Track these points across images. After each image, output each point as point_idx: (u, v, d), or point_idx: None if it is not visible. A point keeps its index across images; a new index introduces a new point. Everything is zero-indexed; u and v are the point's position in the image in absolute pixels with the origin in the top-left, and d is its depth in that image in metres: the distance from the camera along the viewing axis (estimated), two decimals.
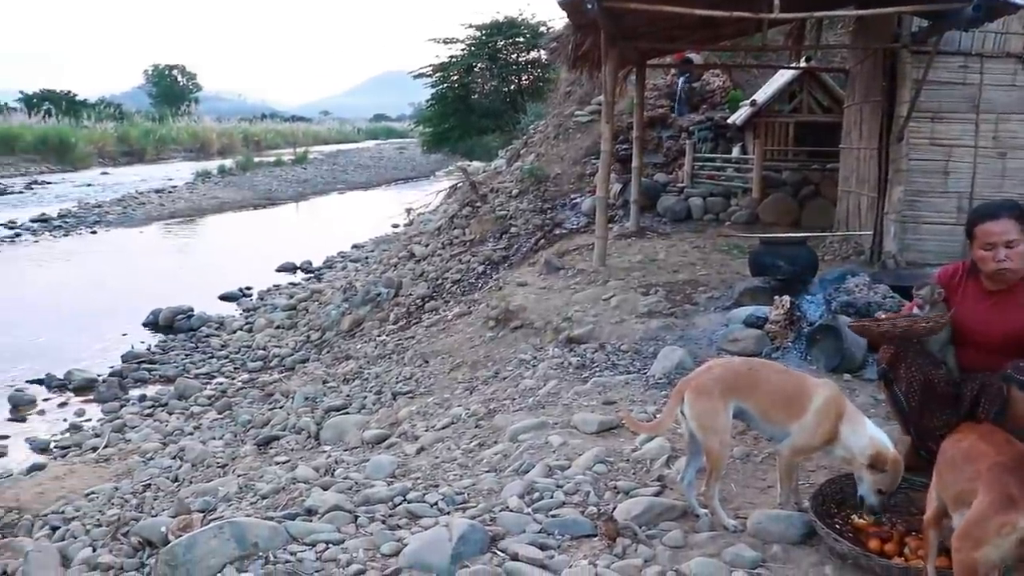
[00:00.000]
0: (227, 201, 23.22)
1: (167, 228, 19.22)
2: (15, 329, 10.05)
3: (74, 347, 9.34)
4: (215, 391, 7.31)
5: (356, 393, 5.80)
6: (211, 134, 50.74)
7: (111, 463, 5.69)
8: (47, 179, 30.81)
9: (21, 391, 7.86)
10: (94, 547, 3.98)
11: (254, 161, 33.19)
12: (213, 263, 14.60)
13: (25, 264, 14.50)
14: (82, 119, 44.55)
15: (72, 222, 19.09)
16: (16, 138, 36.04)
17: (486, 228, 9.22)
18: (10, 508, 4.88)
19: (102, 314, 10.71)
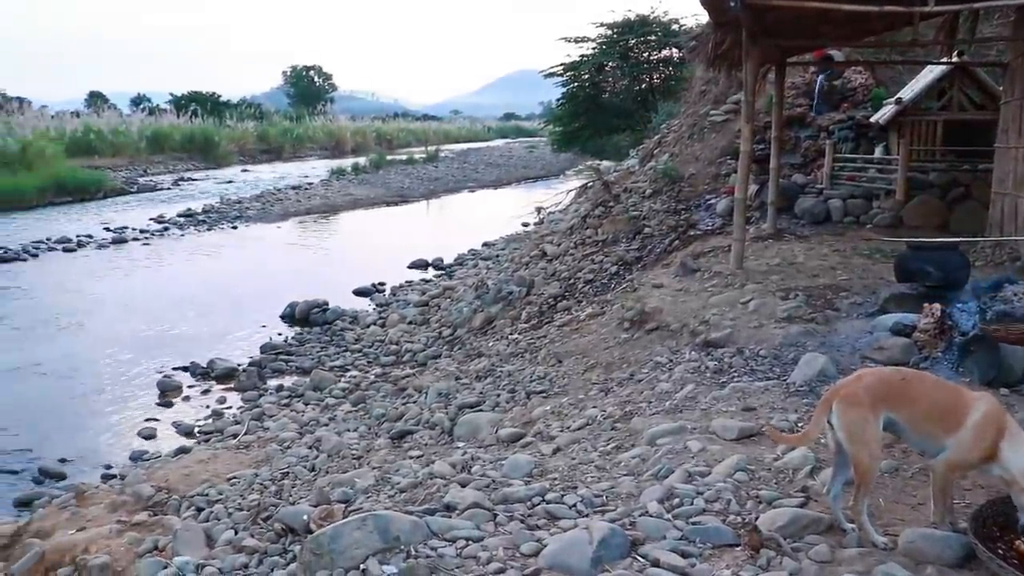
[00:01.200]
0: (360, 198, 23.79)
1: (303, 224, 19.80)
2: (163, 319, 10.55)
3: (216, 337, 9.75)
4: (349, 384, 7.47)
5: (489, 391, 5.84)
6: (345, 133, 52.11)
7: (251, 450, 5.87)
8: (192, 176, 32.20)
9: (168, 377, 8.25)
10: (236, 530, 4.13)
11: (387, 159, 33.89)
12: (347, 258, 14.98)
13: (172, 257, 15.19)
14: (225, 119, 46.36)
15: (215, 217, 19.91)
16: (166, 137, 37.84)
17: (619, 228, 9.16)
18: (160, 487, 5.12)
19: (242, 306, 11.14)
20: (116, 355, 9.02)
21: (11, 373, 8.43)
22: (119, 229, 17.99)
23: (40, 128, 29.94)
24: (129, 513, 4.80)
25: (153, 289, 12.52)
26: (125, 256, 15.31)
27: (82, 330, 10.12)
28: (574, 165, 29.17)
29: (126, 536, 4.36)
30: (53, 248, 15.86)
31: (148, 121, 41.11)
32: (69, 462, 6.42)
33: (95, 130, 34.42)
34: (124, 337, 9.73)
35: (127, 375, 8.41)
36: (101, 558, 4.12)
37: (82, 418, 7.40)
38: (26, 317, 10.66)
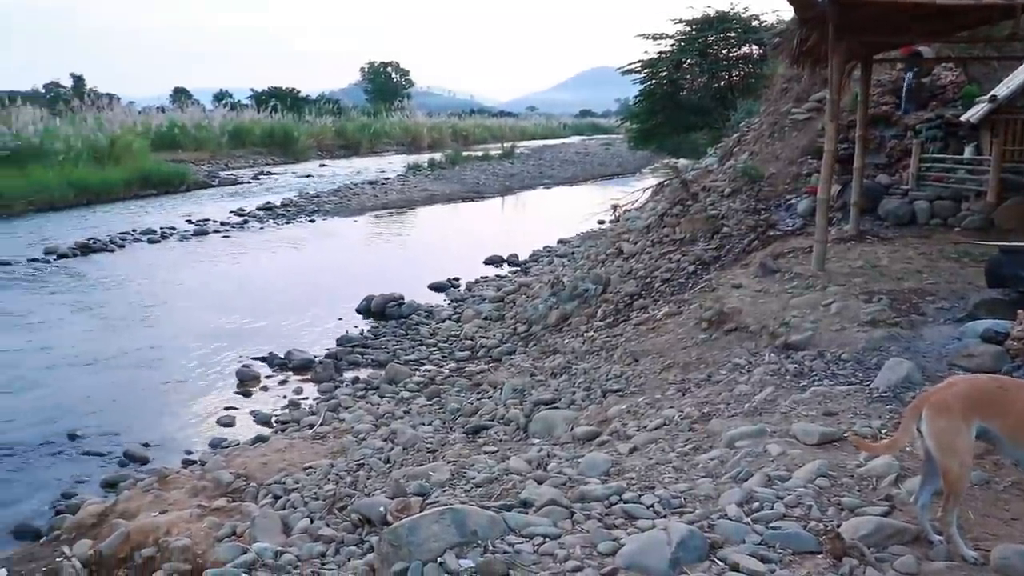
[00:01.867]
0: (436, 194, 23.95)
1: (379, 218, 20.01)
2: (242, 310, 10.77)
3: (294, 329, 9.91)
4: (424, 378, 7.52)
5: (564, 388, 5.83)
6: (422, 129, 52.49)
7: (326, 441, 5.94)
8: (272, 170, 32.77)
9: (247, 367, 8.40)
10: (312, 518, 4.19)
11: (462, 155, 34.07)
12: (422, 253, 15.09)
13: (251, 250, 15.49)
14: (304, 115, 47.05)
15: (293, 211, 20.24)
16: (246, 133, 38.58)
17: (697, 227, 9.04)
18: (239, 474, 5.22)
19: (319, 299, 11.29)
20: (197, 345, 9.22)
21: (100, 361, 8.68)
22: (201, 221, 18.42)
23: (127, 124, 30.78)
24: (209, 498, 4.90)
25: (233, 281, 12.79)
26: (206, 248, 15.66)
27: (165, 320, 10.38)
28: (650, 163, 28.96)
29: (206, 520, 4.46)
30: (138, 239, 16.31)
31: (230, 117, 41.95)
32: (152, 447, 6.59)
33: (179, 125, 35.28)
34: (205, 327, 9.95)
35: (208, 364, 8.59)
36: (182, 540, 4.22)
37: (165, 405, 7.59)
38: (113, 307, 10.98)
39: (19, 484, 5.97)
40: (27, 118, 25.15)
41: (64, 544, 4.72)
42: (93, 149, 25.05)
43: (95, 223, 18.41)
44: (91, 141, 25.42)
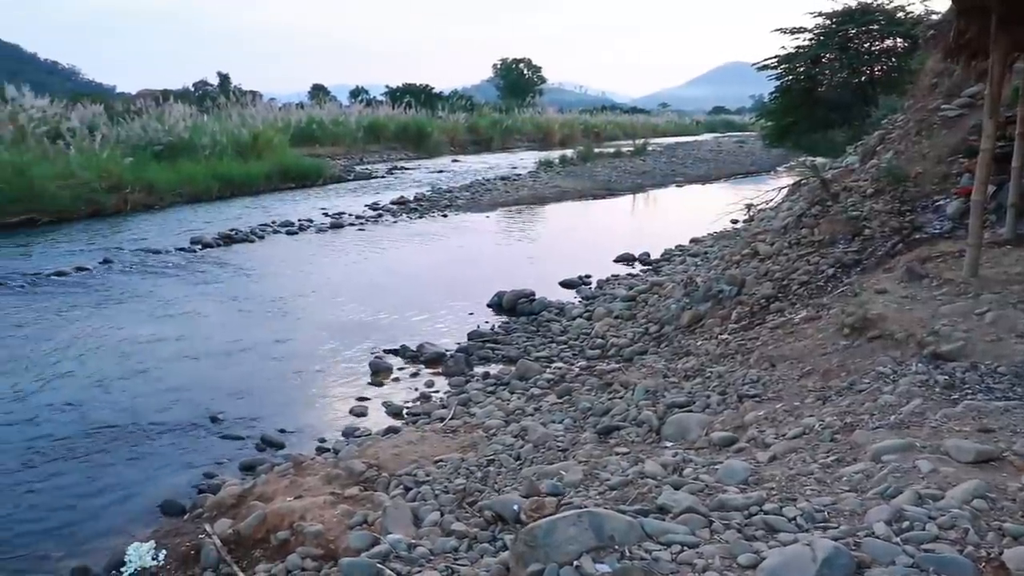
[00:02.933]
0: (567, 190, 23.93)
1: (511, 214, 20.12)
2: (375, 301, 10.99)
3: (425, 322, 10.04)
4: (554, 375, 7.49)
5: (698, 391, 5.70)
6: (553, 125, 52.60)
7: (457, 435, 5.98)
8: (405, 165, 33.41)
9: (380, 359, 8.56)
10: (442, 512, 4.21)
11: (594, 152, 33.95)
12: (553, 250, 15.09)
13: (385, 243, 15.81)
14: (437, 110, 47.76)
15: (426, 205, 20.57)
16: (381, 128, 39.47)
17: (836, 229, 8.72)
18: (371, 464, 5.30)
19: (450, 293, 11.42)
20: (332, 335, 9.46)
21: (240, 348, 9.01)
22: (337, 214, 18.92)
23: (269, 119, 31.88)
24: (342, 486, 5.00)
25: (366, 273, 13.08)
26: (341, 240, 16.07)
27: (302, 310, 10.69)
28: (785, 161, 28.22)
29: (339, 508, 4.55)
30: (277, 231, 16.88)
31: (365, 112, 43.01)
32: (288, 433, 6.78)
33: (317, 121, 36.33)
34: (339, 318, 10.21)
35: (342, 354, 8.80)
36: (316, 526, 4.32)
37: (300, 393, 7.80)
38: (253, 296, 11.39)
39: (166, 462, 6.23)
40: (178, 115, 26.40)
41: (206, 522, 4.89)
42: (237, 144, 26.09)
43: (237, 214, 19.16)
44: (235, 136, 26.47)
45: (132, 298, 11.31)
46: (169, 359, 8.63)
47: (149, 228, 17.40)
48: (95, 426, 6.83)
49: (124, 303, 11.04)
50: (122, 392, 7.69)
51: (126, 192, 20.26)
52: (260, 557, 4.39)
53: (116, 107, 28.88)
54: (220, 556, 4.44)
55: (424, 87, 56.19)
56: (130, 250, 14.61)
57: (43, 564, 4.85)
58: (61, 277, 12.59)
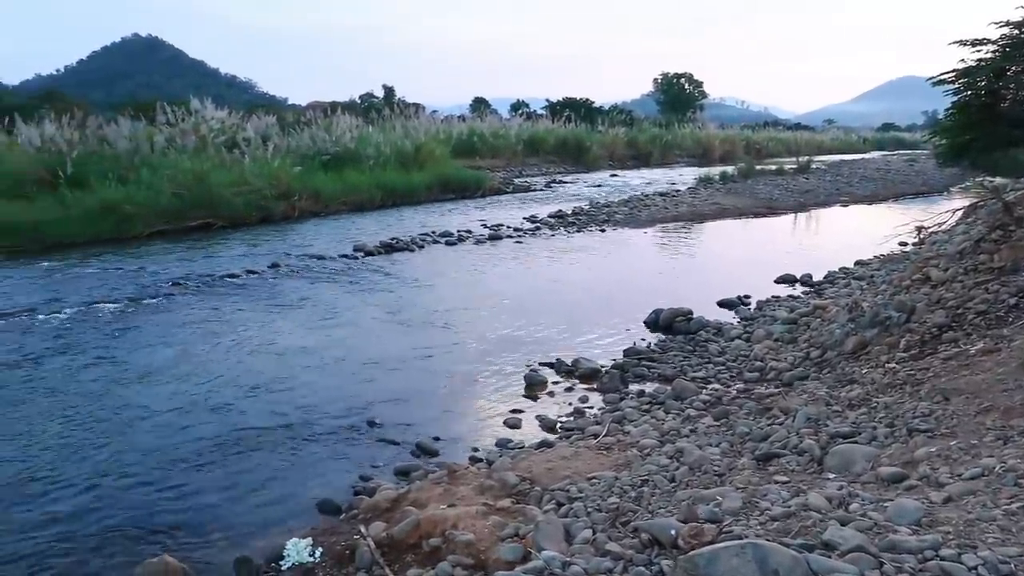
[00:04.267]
0: (727, 207, 23.47)
1: (669, 230, 19.90)
2: (531, 314, 11.06)
3: (580, 336, 10.02)
4: (711, 396, 7.33)
5: (864, 422, 5.45)
6: (714, 140, 51.94)
7: (611, 452, 5.92)
8: (563, 179, 33.65)
9: (535, 372, 8.58)
10: (594, 530, 4.17)
11: (755, 168, 33.22)
12: (711, 268, 14.83)
13: (542, 256, 15.91)
14: (596, 124, 47.91)
15: (583, 220, 20.59)
16: (541, 141, 39.89)
17: (1020, 255, 8.20)
18: (524, 477, 5.31)
19: (606, 308, 11.38)
20: (487, 346, 9.57)
21: (396, 355, 9.23)
22: (495, 226, 19.18)
23: (431, 131, 32.72)
24: (494, 497, 5.03)
25: (523, 285, 13.19)
26: (499, 252, 16.27)
27: (458, 320, 10.86)
28: (961, 181, 26.86)
29: (490, 519, 4.57)
30: (437, 241, 17.26)
31: (525, 125, 43.54)
32: (442, 441, 6.87)
33: (478, 133, 37.04)
34: (495, 329, 10.31)
35: (496, 366, 8.87)
36: (467, 535, 4.35)
37: (455, 402, 7.90)
38: (410, 305, 11.67)
39: (324, 462, 6.43)
40: (344, 126, 27.46)
41: (361, 523, 5.00)
42: (400, 155, 26.88)
43: (400, 224, 19.72)
44: (398, 147, 27.29)
45: (297, 302, 11.79)
46: (329, 362, 8.94)
47: (315, 234, 18.14)
48: (258, 424, 7.13)
49: (289, 306, 11.52)
50: (284, 392, 8.00)
51: (294, 199, 21.19)
52: (412, 562, 4.46)
53: (287, 118, 30.33)
54: (374, 558, 4.53)
55: (584, 101, 56.41)
56: (296, 255, 15.25)
57: (209, 552, 5.08)
58: (233, 279, 13.27)
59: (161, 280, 13.20)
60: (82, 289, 12.63)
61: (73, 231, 17.38)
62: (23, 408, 7.57)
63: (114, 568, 4.89)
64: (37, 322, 10.71)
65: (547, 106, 57.57)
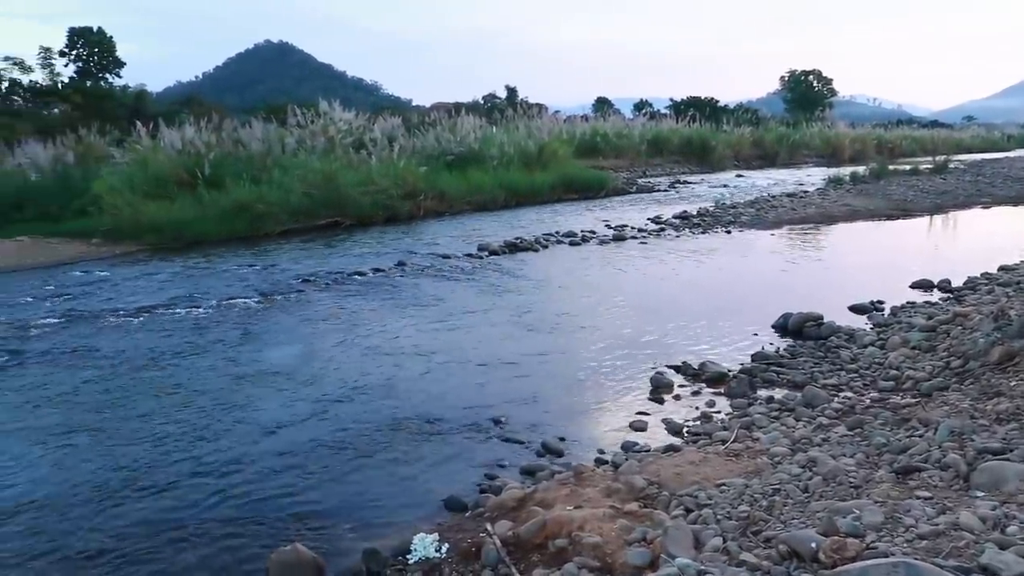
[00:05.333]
0: (858, 209, 22.69)
1: (796, 233, 19.37)
2: (654, 315, 10.93)
3: (706, 339, 9.83)
4: (843, 405, 7.08)
5: (1015, 438, 5.16)
6: (843, 140, 50.44)
7: (740, 459, 5.78)
8: (688, 179, 33.24)
9: (661, 374, 8.45)
10: (724, 538, 4.08)
11: (887, 169, 32.07)
12: (842, 272, 14.36)
13: (666, 257, 15.71)
14: (722, 124, 47.26)
15: (709, 221, 20.24)
16: (665, 141, 39.55)
17: None
18: (651, 481, 5.24)
19: (732, 311, 11.14)
20: (612, 347, 9.49)
21: (520, 354, 9.26)
22: (619, 227, 19.06)
23: (554, 131, 32.78)
24: (621, 500, 4.98)
25: (648, 286, 13.06)
26: (623, 253, 16.14)
27: (581, 320, 10.82)
28: None
29: (617, 522, 4.52)
30: (560, 241, 17.26)
31: (649, 125, 43.21)
32: (567, 441, 6.84)
33: (601, 133, 36.96)
34: (620, 330, 10.22)
35: (621, 367, 8.79)
36: (594, 538, 4.32)
37: (580, 402, 7.85)
38: (534, 304, 11.69)
39: (450, 460, 6.48)
40: (468, 127, 27.80)
41: (487, 521, 5.02)
42: (523, 155, 27.01)
43: (523, 223, 19.81)
44: (522, 147, 27.42)
45: (422, 300, 11.96)
46: (454, 360, 9.02)
47: (439, 234, 18.40)
48: (385, 419, 7.25)
49: (415, 305, 11.69)
50: (410, 389, 8.12)
51: (420, 199, 21.55)
52: (537, 562, 4.45)
53: (412, 119, 30.92)
54: (500, 556, 4.54)
55: (709, 100, 55.70)
56: (422, 254, 15.50)
57: (338, 543, 5.19)
58: (360, 277, 13.59)
59: (292, 277, 13.62)
60: (218, 285, 13.14)
61: (209, 229, 18.16)
62: (161, 400, 7.92)
63: (248, 555, 5.05)
64: (176, 316, 11.19)
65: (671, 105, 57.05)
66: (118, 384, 8.42)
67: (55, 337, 10.25)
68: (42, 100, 47.98)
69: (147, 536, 5.26)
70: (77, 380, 8.58)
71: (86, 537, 5.27)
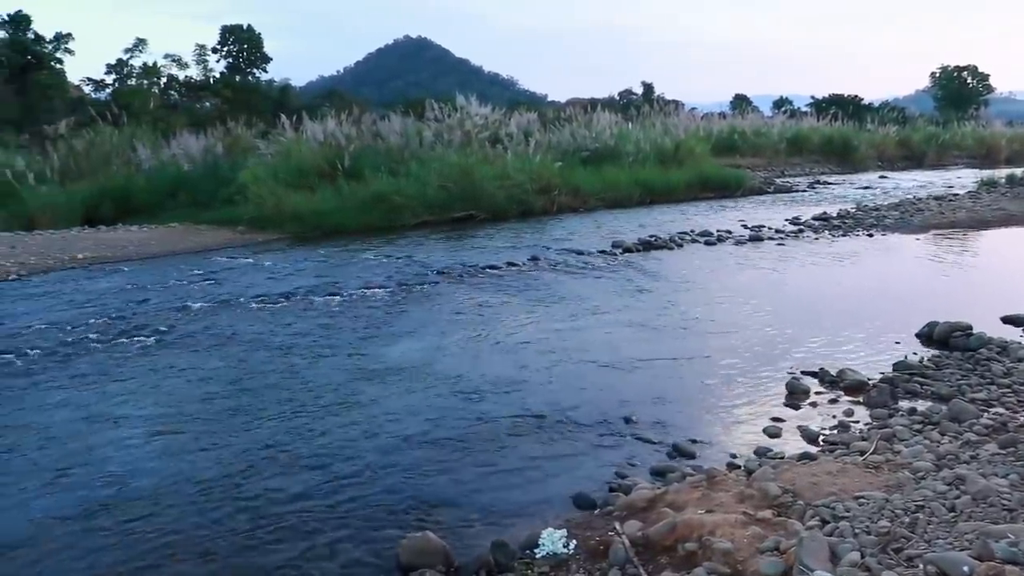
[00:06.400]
0: (1014, 214, 21.47)
1: (944, 238, 18.51)
2: (791, 319, 10.64)
3: (844, 346, 9.49)
4: (994, 421, 6.71)
5: None
6: (999, 139, 47.94)
7: (880, 472, 5.57)
8: (828, 179, 32.30)
9: (797, 380, 8.21)
10: (862, 553, 3.93)
11: None
12: (994, 280, 13.67)
13: (805, 259, 15.27)
14: (865, 123, 45.74)
15: (850, 223, 19.57)
16: (804, 140, 38.55)
17: None
18: (786, 489, 5.10)
19: (872, 318, 10.71)
20: (746, 350, 9.28)
21: (651, 353, 9.18)
22: (756, 227, 18.65)
23: (691, 128, 32.37)
24: (754, 507, 4.86)
25: (784, 289, 12.74)
26: (759, 254, 15.78)
27: (715, 321, 10.63)
28: None
29: (749, 529, 4.42)
30: (695, 240, 17.01)
31: (788, 124, 42.18)
32: (698, 443, 6.72)
33: (739, 131, 36.32)
34: (755, 333, 9.99)
35: (755, 371, 8.59)
36: (725, 543, 4.24)
37: (712, 405, 7.71)
38: (667, 304, 11.56)
39: (579, 456, 6.47)
40: (604, 123, 27.75)
41: (615, 520, 4.98)
42: (659, 152, 26.78)
43: (657, 222, 19.63)
44: (657, 145, 27.18)
45: (555, 296, 11.99)
46: (585, 357, 9.00)
47: (573, 230, 18.42)
48: (515, 413, 7.30)
49: (547, 300, 11.73)
50: (540, 383, 8.14)
51: (554, 195, 21.61)
52: (665, 564, 4.40)
53: (548, 115, 31.03)
54: (628, 556, 4.50)
55: (852, 98, 53.92)
56: (555, 250, 15.54)
57: (467, 533, 5.25)
58: (494, 271, 13.73)
59: (426, 269, 13.88)
60: (355, 274, 13.51)
61: (348, 220, 18.72)
62: (295, 385, 8.19)
63: (378, 539, 5.15)
64: (314, 304, 11.56)
65: (812, 103, 55.47)
66: (257, 368, 8.74)
67: (201, 320, 10.74)
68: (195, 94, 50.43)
69: (280, 518, 5.42)
70: (218, 363, 8.96)
71: (222, 518, 5.46)
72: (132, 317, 10.85)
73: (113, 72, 51.85)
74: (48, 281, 13.53)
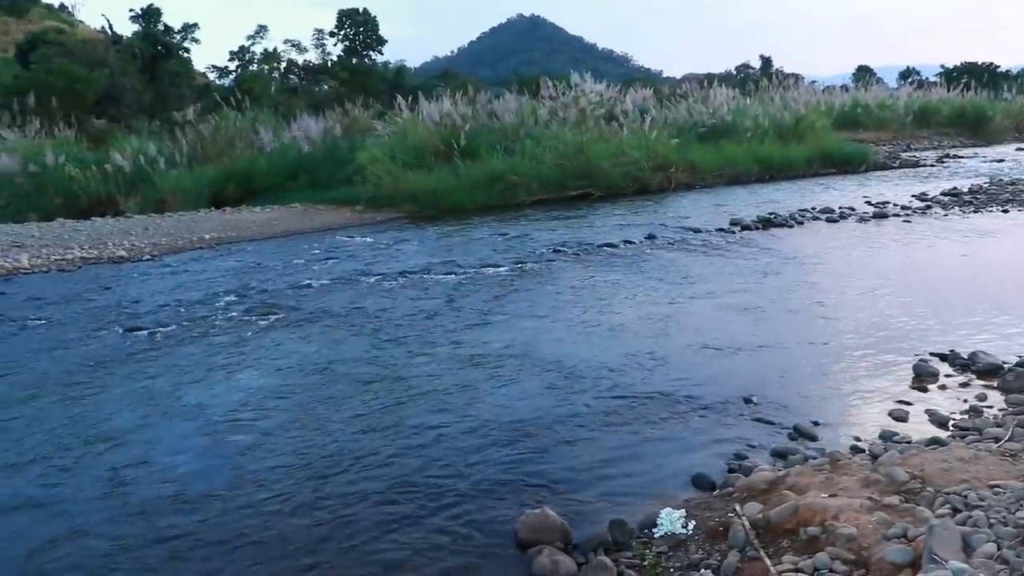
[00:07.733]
0: None
1: None
2: (920, 300, 10.22)
3: (977, 328, 9.06)
4: None
5: None
6: None
7: (1017, 460, 5.31)
8: (958, 153, 30.99)
9: (926, 362, 7.90)
10: (999, 545, 3.77)
11: None
12: None
13: (933, 237, 14.67)
14: (1001, 91, 43.59)
15: (982, 199, 18.70)
16: (933, 112, 37.07)
17: None
18: (914, 475, 4.93)
19: (1008, 299, 10.21)
20: (870, 331, 8.99)
21: (770, 333, 9.01)
22: (880, 204, 18.04)
23: (811, 103, 31.48)
24: (880, 492, 4.71)
25: (912, 268, 12.27)
26: (884, 232, 15.26)
27: (839, 301, 10.34)
28: None
29: (875, 515, 4.30)
30: (817, 217, 16.56)
31: (915, 95, 40.52)
32: (820, 425, 6.56)
33: (862, 104, 35.16)
34: (880, 314, 9.66)
35: (880, 352, 8.31)
36: (849, 529, 4.13)
37: (835, 387, 7.50)
38: (787, 284, 11.31)
39: (697, 437, 6.39)
40: (721, 98, 27.28)
41: (735, 502, 4.91)
42: (778, 127, 26.15)
43: (775, 198, 19.22)
44: (776, 119, 26.55)
45: (672, 274, 11.86)
46: (703, 336, 8.87)
47: (690, 207, 18.19)
48: (633, 392, 7.24)
49: (664, 279, 11.61)
50: (658, 362, 8.06)
51: (670, 171, 21.37)
52: (787, 548, 4.33)
53: (663, 91, 30.67)
54: (748, 538, 4.43)
55: (987, 65, 51.39)
56: (672, 227, 15.37)
57: (585, 510, 5.24)
58: (610, 248, 13.68)
59: (542, 246, 13.92)
60: (472, 252, 13.66)
61: (463, 198, 18.92)
62: (413, 363, 8.32)
63: (498, 514, 5.20)
64: (432, 282, 11.74)
65: (942, 73, 53.14)
66: (376, 344, 8.93)
67: (322, 298, 11.04)
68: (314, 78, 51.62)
69: (399, 494, 5.51)
70: (338, 339, 9.19)
71: (346, 494, 5.58)
72: (256, 295, 11.24)
73: (236, 59, 53.52)
74: (180, 261, 14.15)
